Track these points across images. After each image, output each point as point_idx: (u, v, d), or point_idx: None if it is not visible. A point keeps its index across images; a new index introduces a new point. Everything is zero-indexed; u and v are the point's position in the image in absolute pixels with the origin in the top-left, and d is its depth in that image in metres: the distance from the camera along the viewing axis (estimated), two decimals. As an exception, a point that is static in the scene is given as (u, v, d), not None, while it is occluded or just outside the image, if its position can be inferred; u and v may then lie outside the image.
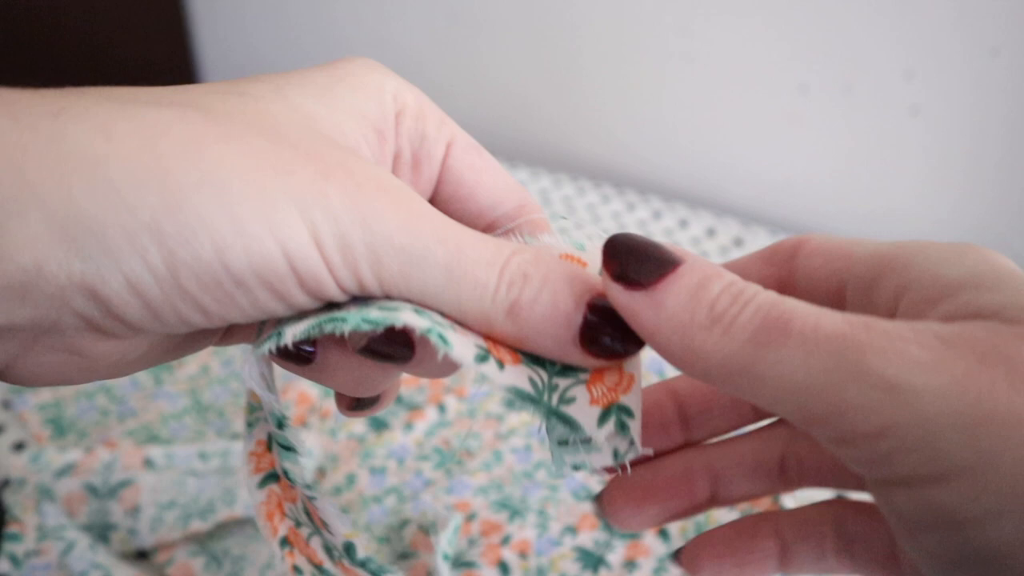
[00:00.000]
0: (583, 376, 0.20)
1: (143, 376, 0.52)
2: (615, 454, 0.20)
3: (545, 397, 0.20)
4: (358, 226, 0.18)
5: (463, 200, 0.24)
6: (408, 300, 0.19)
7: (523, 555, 0.42)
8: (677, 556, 0.23)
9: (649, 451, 0.20)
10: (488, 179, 0.24)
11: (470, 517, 0.44)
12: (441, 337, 0.19)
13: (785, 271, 0.21)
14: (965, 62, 0.64)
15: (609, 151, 0.86)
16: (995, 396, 0.15)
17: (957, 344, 0.16)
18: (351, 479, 0.46)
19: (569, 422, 0.20)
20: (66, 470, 0.43)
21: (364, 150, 0.21)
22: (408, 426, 0.49)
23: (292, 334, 0.19)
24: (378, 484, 0.46)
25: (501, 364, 0.19)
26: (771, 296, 0.17)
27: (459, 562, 0.42)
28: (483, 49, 0.88)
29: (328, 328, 0.19)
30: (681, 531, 0.43)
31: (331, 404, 0.51)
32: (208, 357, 0.54)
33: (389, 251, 0.18)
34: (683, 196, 0.82)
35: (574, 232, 0.23)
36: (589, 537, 0.43)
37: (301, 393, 0.50)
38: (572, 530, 0.43)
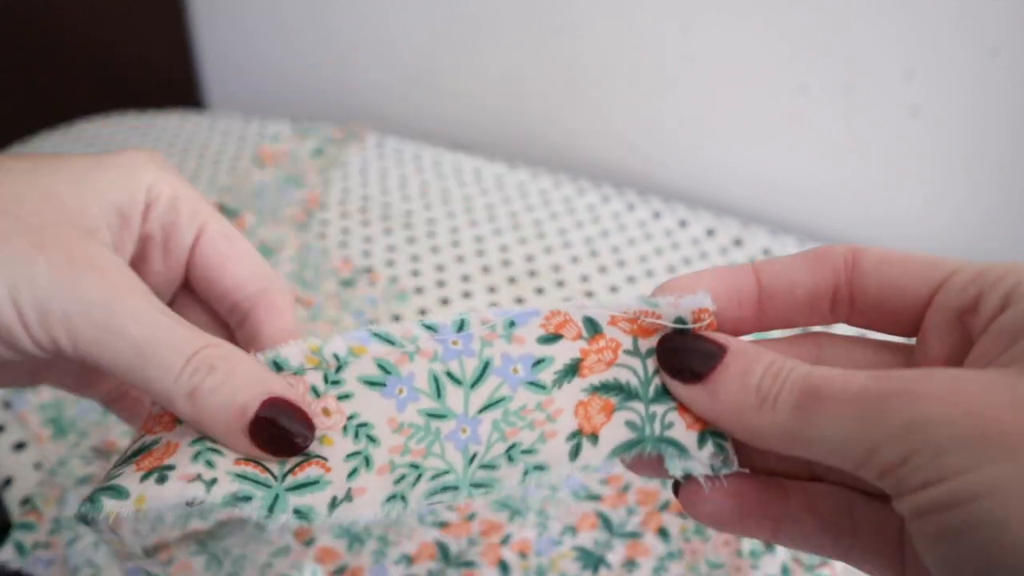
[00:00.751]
0: (672, 403, 0.22)
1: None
2: (712, 468, 0.22)
3: (647, 430, 0.22)
4: (58, 294, 0.21)
5: (211, 281, 0.27)
6: (100, 367, 0.22)
7: (523, 555, 0.42)
8: (676, 489, 0.23)
9: (745, 470, 0.23)
10: (233, 265, 0.26)
11: (470, 517, 0.44)
12: (537, 468, 0.22)
13: (842, 280, 0.23)
14: (965, 62, 0.64)
15: (609, 151, 0.86)
16: (998, 423, 0.17)
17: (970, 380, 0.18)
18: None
19: (675, 444, 0.22)
20: (86, 479, 0.44)
21: (104, 232, 0.24)
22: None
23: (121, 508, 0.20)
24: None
25: (595, 438, 0.22)
26: (804, 369, 0.20)
27: (459, 562, 0.42)
28: (483, 50, 0.88)
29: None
30: (681, 531, 0.43)
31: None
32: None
33: (86, 321, 0.21)
34: (683, 196, 0.82)
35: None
36: (589, 537, 0.43)
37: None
38: (572, 530, 0.43)
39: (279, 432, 0.22)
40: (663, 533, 0.43)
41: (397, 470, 0.22)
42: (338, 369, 0.23)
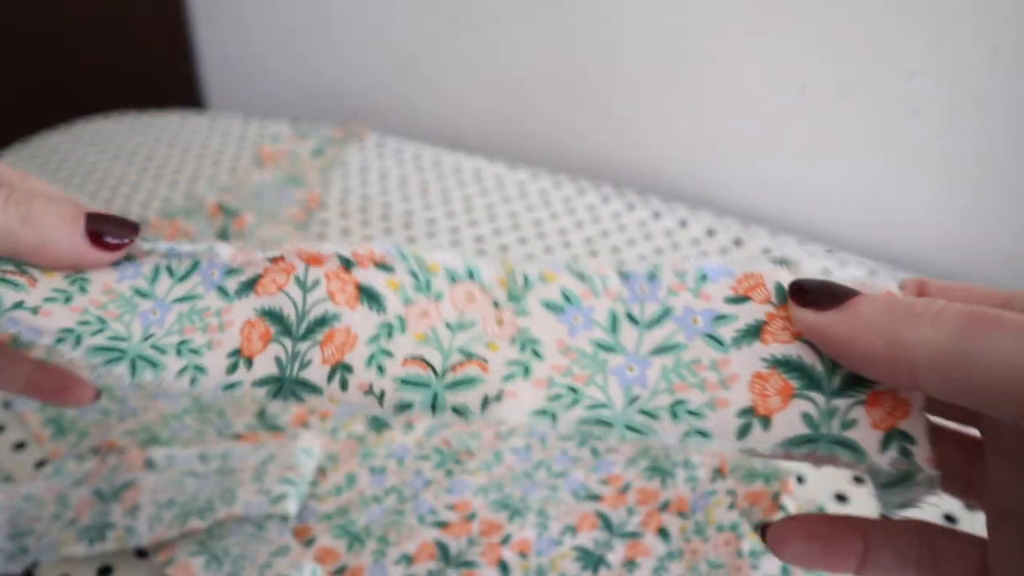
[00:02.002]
0: (862, 396, 0.21)
1: (143, 376, 0.52)
2: (895, 474, 0.21)
3: (823, 428, 0.21)
4: None
5: None
6: None
7: (523, 555, 0.42)
8: (763, 532, 0.23)
9: (937, 472, 0.20)
10: None
11: (470, 517, 0.44)
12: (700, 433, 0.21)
13: None
14: (966, 62, 0.64)
15: (609, 152, 0.86)
16: None
17: None
18: (351, 479, 0.46)
19: (852, 447, 0.20)
20: (82, 479, 0.44)
21: None
22: (408, 426, 0.49)
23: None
24: (378, 484, 0.46)
25: (767, 421, 0.21)
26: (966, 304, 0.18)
27: (459, 562, 0.42)
28: (483, 50, 0.88)
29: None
30: (681, 530, 0.43)
31: (331, 404, 0.51)
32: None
33: None
34: (683, 196, 0.82)
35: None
36: (589, 537, 0.43)
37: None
38: (572, 530, 0.43)
39: (112, 225, 0.24)
40: (663, 533, 0.43)
41: (554, 388, 0.22)
42: (524, 287, 0.23)
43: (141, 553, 0.41)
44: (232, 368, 0.23)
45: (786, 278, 0.22)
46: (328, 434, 0.49)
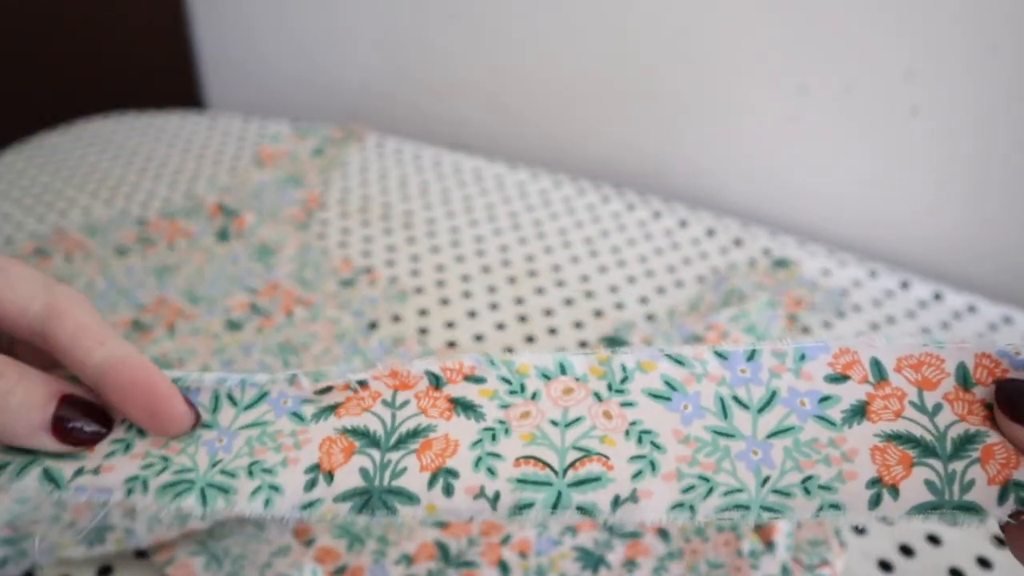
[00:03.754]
0: (975, 454, 0.22)
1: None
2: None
3: (947, 494, 0.21)
4: None
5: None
6: None
7: (523, 555, 0.42)
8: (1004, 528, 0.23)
9: None
10: (10, 296, 0.26)
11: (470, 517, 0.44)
12: (833, 506, 0.22)
13: None
14: (965, 61, 0.64)
15: (609, 152, 0.86)
16: None
17: None
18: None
19: (974, 510, 0.21)
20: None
21: None
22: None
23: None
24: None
25: (895, 491, 0.21)
26: None
27: (459, 562, 0.42)
28: (483, 50, 0.88)
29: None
30: (681, 531, 0.43)
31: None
32: (208, 357, 0.55)
33: None
34: (683, 196, 0.82)
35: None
36: (589, 537, 0.43)
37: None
38: (572, 530, 0.43)
39: (82, 421, 0.23)
40: (663, 533, 0.43)
41: (685, 479, 0.22)
42: (623, 380, 0.23)
43: (141, 553, 0.41)
44: (310, 485, 0.22)
45: (882, 352, 0.23)
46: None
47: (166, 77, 1.09)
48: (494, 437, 0.22)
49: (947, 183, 0.70)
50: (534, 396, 0.23)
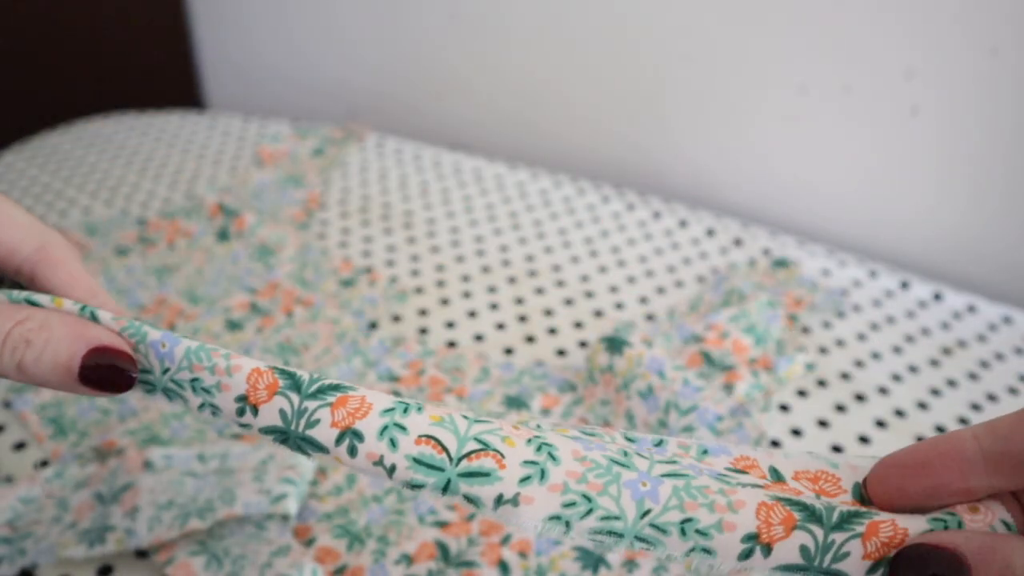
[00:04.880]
0: (860, 529, 0.22)
1: (143, 376, 0.52)
2: None
3: (817, 560, 0.22)
4: None
5: None
6: None
7: (523, 555, 0.42)
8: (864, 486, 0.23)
9: None
10: (2, 233, 0.27)
11: (470, 517, 0.44)
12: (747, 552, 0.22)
13: None
14: (965, 62, 0.64)
15: (609, 152, 0.86)
16: None
17: None
18: (351, 479, 0.46)
19: None
20: (84, 482, 0.44)
21: None
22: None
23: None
24: (378, 484, 0.46)
25: (767, 549, 0.22)
26: None
27: (459, 562, 0.42)
28: (483, 51, 0.88)
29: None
30: (681, 531, 0.43)
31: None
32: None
33: None
34: (683, 196, 0.82)
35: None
36: (589, 537, 0.43)
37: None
38: (572, 530, 0.43)
39: (107, 373, 0.24)
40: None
41: (569, 494, 0.23)
42: (538, 433, 0.24)
43: (141, 553, 0.41)
44: (240, 412, 0.24)
45: (779, 463, 0.24)
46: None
47: (166, 77, 1.09)
48: (406, 411, 0.23)
49: (947, 183, 0.70)
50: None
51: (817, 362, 0.57)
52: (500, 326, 0.60)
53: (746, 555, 0.22)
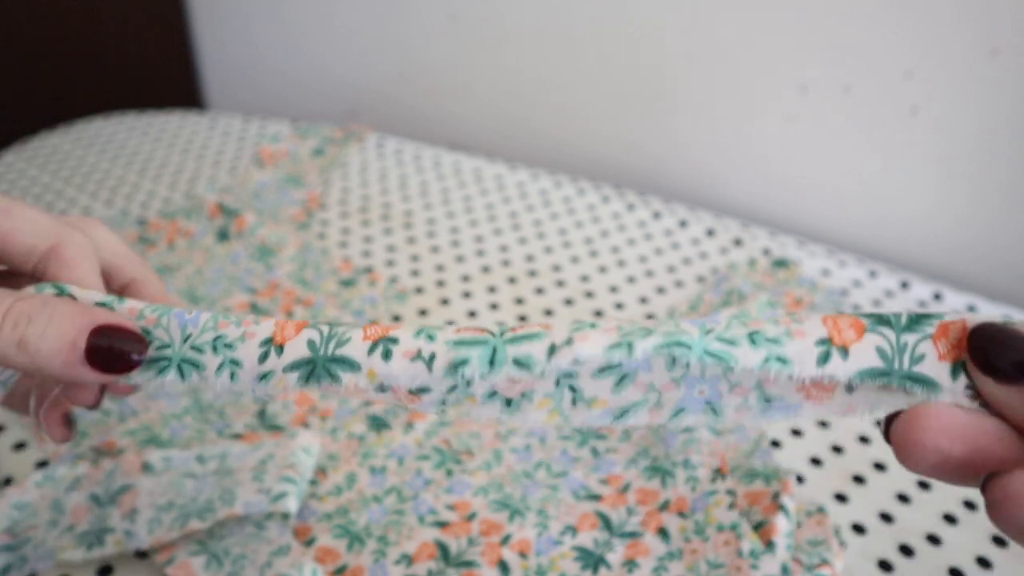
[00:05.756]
0: (930, 330, 0.21)
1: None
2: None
3: (896, 363, 0.21)
4: None
5: (4, 256, 0.27)
6: None
7: (523, 555, 0.42)
8: (887, 429, 0.22)
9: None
10: (17, 235, 0.27)
11: (470, 517, 0.44)
12: (779, 360, 0.21)
13: None
14: (965, 62, 0.64)
15: (609, 152, 0.86)
16: None
17: None
18: (351, 479, 0.46)
19: (924, 381, 0.21)
20: (75, 484, 0.44)
21: None
22: (408, 426, 0.49)
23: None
24: (378, 484, 0.46)
25: (845, 351, 0.21)
26: None
27: (459, 562, 0.42)
28: (483, 50, 0.88)
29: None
30: (680, 530, 0.43)
31: (331, 404, 0.51)
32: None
33: None
34: (683, 196, 0.82)
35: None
36: (589, 537, 0.43)
37: (301, 393, 0.50)
38: (572, 530, 0.43)
39: (114, 353, 0.23)
40: (663, 533, 0.43)
41: (624, 331, 0.21)
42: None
43: (141, 553, 0.41)
44: (263, 357, 0.23)
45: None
46: (328, 434, 0.49)
47: (166, 77, 1.09)
48: (435, 330, 0.23)
49: (947, 183, 0.70)
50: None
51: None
52: (500, 326, 0.60)
53: (824, 359, 0.21)
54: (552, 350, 0.21)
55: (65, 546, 0.40)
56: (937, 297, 0.65)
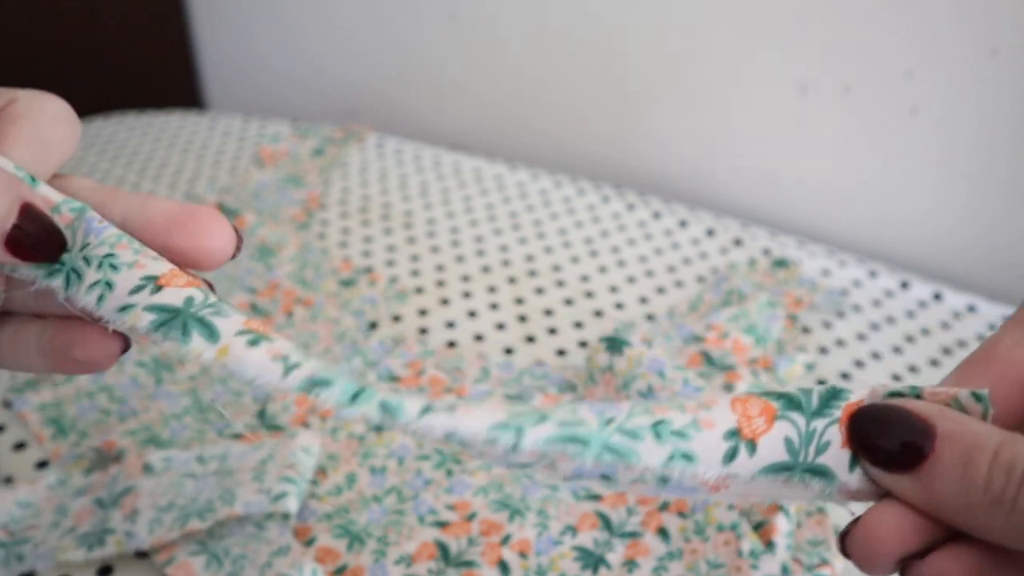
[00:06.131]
0: (837, 413, 0.20)
1: (143, 376, 0.52)
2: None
3: (801, 455, 0.20)
4: None
5: None
6: None
7: (523, 555, 0.42)
8: (844, 541, 0.21)
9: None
10: None
11: (470, 517, 0.44)
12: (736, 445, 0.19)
13: None
14: (965, 62, 0.64)
15: (609, 152, 0.86)
16: None
17: None
18: (351, 479, 0.46)
19: (823, 473, 0.20)
20: (83, 490, 0.44)
21: None
22: (408, 426, 0.49)
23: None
24: (378, 484, 0.46)
25: (752, 446, 0.20)
26: None
27: (459, 562, 0.42)
28: (483, 50, 0.88)
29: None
30: (680, 530, 0.43)
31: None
32: (208, 357, 0.54)
33: None
34: (683, 196, 0.82)
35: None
36: (589, 537, 0.43)
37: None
38: (572, 530, 0.43)
39: (42, 237, 0.21)
40: (663, 533, 0.43)
41: (516, 410, 0.19)
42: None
43: (141, 553, 0.41)
44: (136, 289, 0.21)
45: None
46: (328, 434, 0.49)
47: (166, 77, 1.09)
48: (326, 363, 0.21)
49: (947, 183, 0.70)
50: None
51: (817, 362, 0.57)
52: (500, 326, 0.60)
53: (731, 456, 0.19)
54: (426, 410, 0.19)
55: (66, 547, 0.40)
56: (937, 297, 0.65)
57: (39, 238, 0.21)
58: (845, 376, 0.56)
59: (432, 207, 0.75)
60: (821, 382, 0.55)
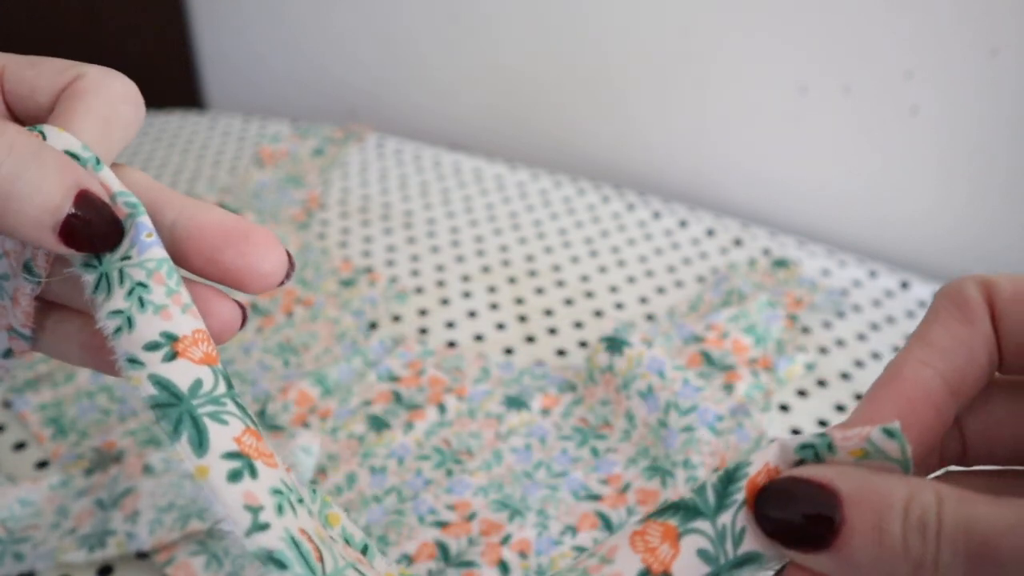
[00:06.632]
0: (739, 497, 0.19)
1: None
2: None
3: (722, 557, 0.19)
4: None
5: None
6: None
7: (523, 555, 0.42)
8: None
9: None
10: (45, 69, 0.23)
11: (470, 517, 0.44)
12: None
13: (989, 331, 0.20)
14: (965, 62, 0.64)
15: (609, 152, 0.86)
16: None
17: None
18: (351, 479, 0.46)
19: (751, 559, 0.19)
20: (84, 491, 0.43)
21: None
22: (408, 426, 0.49)
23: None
24: (378, 484, 0.46)
25: (648, 573, 0.19)
26: (955, 513, 0.16)
27: (459, 562, 0.42)
28: (483, 50, 0.88)
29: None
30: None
31: (331, 404, 0.51)
32: (208, 357, 0.54)
33: None
34: (682, 196, 0.82)
35: None
36: (589, 537, 0.43)
37: (301, 392, 0.50)
38: (572, 530, 0.43)
39: (98, 224, 0.19)
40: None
41: None
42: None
43: (141, 554, 0.41)
44: (152, 347, 0.20)
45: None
46: (328, 434, 0.49)
47: (166, 77, 1.09)
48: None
49: (947, 183, 0.70)
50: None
51: (817, 362, 0.57)
52: (500, 326, 0.60)
53: None
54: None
55: (66, 548, 0.40)
56: (937, 297, 0.65)
57: (98, 228, 0.19)
58: (845, 376, 0.56)
59: (432, 207, 0.75)
60: (821, 382, 0.55)
